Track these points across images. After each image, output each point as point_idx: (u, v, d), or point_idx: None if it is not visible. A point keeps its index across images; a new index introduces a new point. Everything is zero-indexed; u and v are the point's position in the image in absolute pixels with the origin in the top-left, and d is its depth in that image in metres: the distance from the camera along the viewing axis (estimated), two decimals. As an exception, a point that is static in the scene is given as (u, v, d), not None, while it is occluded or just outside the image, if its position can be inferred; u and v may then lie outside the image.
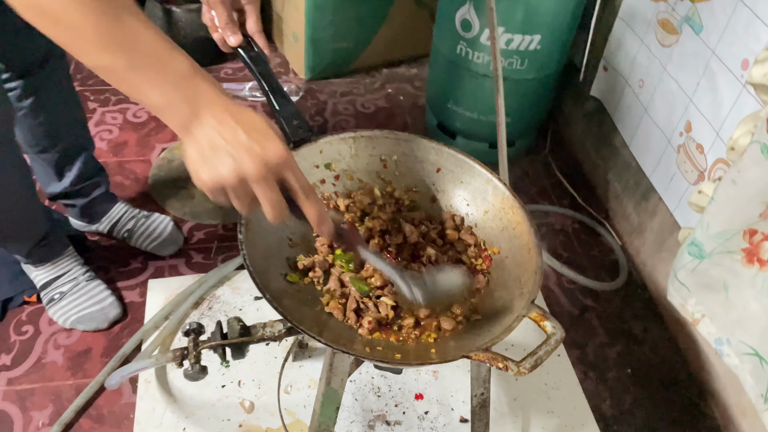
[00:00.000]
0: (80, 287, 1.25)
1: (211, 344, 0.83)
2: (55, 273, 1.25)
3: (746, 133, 0.97)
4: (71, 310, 1.23)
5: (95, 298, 1.25)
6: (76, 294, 1.24)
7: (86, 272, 1.28)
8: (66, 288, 1.24)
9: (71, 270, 1.26)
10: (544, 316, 0.73)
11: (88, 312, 1.23)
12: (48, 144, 1.19)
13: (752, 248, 1.00)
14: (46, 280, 1.25)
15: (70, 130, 1.23)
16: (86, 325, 1.23)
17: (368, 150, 0.96)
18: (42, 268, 1.24)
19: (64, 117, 1.20)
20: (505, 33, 1.39)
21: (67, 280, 1.25)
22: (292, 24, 1.84)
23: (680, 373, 1.27)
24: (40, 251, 1.22)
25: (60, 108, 1.18)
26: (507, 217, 0.89)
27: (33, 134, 1.16)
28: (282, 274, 0.80)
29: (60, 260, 1.25)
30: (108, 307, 1.25)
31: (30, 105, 1.12)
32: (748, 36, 1.04)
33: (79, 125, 1.27)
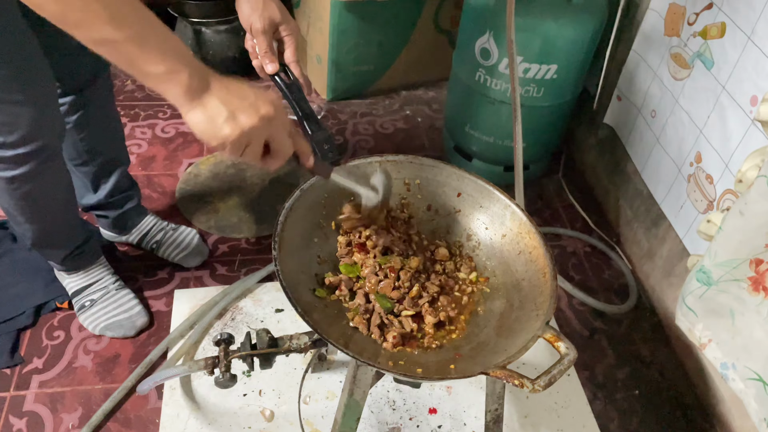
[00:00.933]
0: (110, 295, 1.31)
1: (241, 354, 0.88)
2: (87, 281, 1.30)
3: (754, 167, 1.02)
4: (101, 318, 1.29)
5: (124, 306, 1.30)
6: (106, 302, 1.30)
7: (116, 281, 1.33)
8: (97, 296, 1.30)
9: (102, 279, 1.32)
10: (558, 337, 0.77)
11: (116, 320, 1.29)
12: (88, 158, 1.26)
13: (758, 277, 1.04)
14: (78, 287, 1.30)
15: (109, 146, 1.30)
16: (114, 332, 1.28)
17: (393, 174, 1.01)
18: (75, 276, 1.30)
19: (106, 133, 1.27)
20: (523, 62, 1.45)
21: (98, 288, 1.31)
22: (316, 47, 1.91)
23: (687, 396, 1.30)
24: (74, 259, 1.27)
25: (103, 124, 1.25)
26: (524, 241, 0.93)
27: (75, 148, 1.23)
28: (311, 290, 0.86)
29: (92, 269, 1.31)
30: (135, 316, 1.30)
31: (75, 120, 1.18)
32: (758, 74, 1.09)
33: (118, 141, 1.33)
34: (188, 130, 1.77)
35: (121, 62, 0.63)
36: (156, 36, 0.63)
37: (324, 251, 0.92)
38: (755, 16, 1.09)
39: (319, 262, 0.91)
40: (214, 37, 1.87)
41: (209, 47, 1.88)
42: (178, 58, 0.64)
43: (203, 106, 0.67)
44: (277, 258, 0.81)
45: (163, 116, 1.83)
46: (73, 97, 1.16)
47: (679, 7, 1.30)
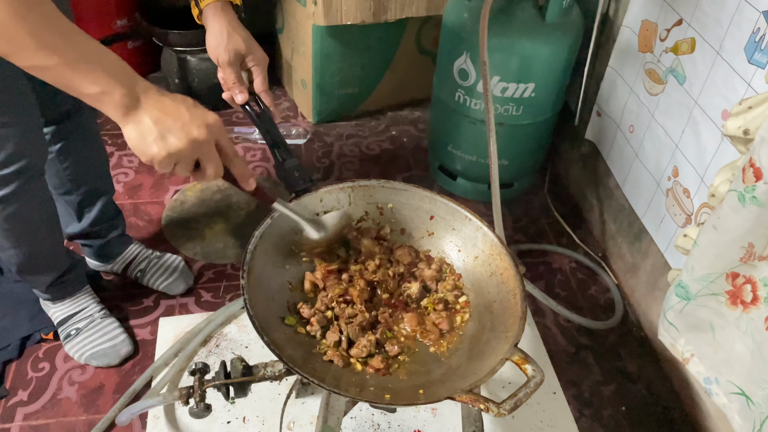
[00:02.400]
0: (95, 324, 1.31)
1: (215, 383, 0.88)
2: (72, 310, 1.31)
3: (725, 181, 1.02)
4: (86, 346, 1.29)
5: (108, 335, 1.31)
6: (91, 331, 1.30)
7: (101, 310, 1.34)
8: (82, 324, 1.30)
9: (87, 307, 1.32)
10: (525, 359, 0.77)
11: (101, 348, 1.29)
12: (72, 187, 1.27)
13: (735, 291, 1.04)
14: (63, 316, 1.31)
15: (93, 175, 1.31)
16: (99, 361, 1.29)
17: (365, 198, 1.02)
18: (60, 304, 1.31)
19: (89, 163, 1.29)
20: (501, 81, 1.46)
21: (83, 316, 1.31)
22: (300, 71, 1.93)
23: (674, 412, 1.29)
24: (59, 287, 1.28)
25: (86, 154, 1.27)
26: (495, 263, 0.94)
27: (59, 177, 1.24)
28: (281, 318, 0.86)
29: (77, 297, 1.32)
30: (120, 344, 1.30)
31: (58, 150, 1.20)
32: (727, 88, 1.10)
33: (102, 171, 1.35)
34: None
35: (58, 84, 0.66)
36: (88, 59, 0.66)
37: (295, 278, 0.92)
38: (722, 32, 1.10)
39: (290, 289, 0.91)
40: (198, 65, 1.89)
41: (194, 75, 1.90)
42: (111, 78, 0.67)
43: (135, 123, 0.69)
44: (245, 287, 0.81)
45: (150, 144, 1.84)
46: (54, 126, 1.18)
47: (651, 24, 1.32)
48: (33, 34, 0.62)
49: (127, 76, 0.69)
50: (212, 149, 0.73)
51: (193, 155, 0.72)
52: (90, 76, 0.65)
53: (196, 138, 0.70)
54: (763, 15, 1.00)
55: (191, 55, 1.88)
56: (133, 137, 0.70)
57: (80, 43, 0.66)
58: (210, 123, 0.72)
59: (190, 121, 0.70)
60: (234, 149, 0.77)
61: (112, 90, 0.67)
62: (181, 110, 0.70)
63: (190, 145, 0.70)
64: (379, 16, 1.76)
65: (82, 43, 0.66)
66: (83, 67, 0.65)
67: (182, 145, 0.69)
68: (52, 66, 0.64)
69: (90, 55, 0.66)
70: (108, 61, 0.67)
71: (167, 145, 0.69)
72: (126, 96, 0.67)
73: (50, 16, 0.63)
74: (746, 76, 1.05)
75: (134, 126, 0.69)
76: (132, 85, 0.68)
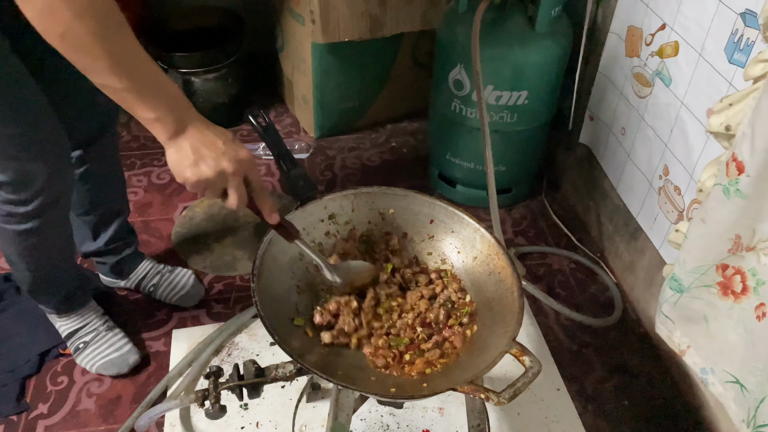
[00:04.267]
0: (101, 336, 1.36)
1: (229, 385, 0.92)
2: (77, 324, 1.36)
3: (711, 176, 1.07)
4: (95, 358, 1.34)
5: (115, 345, 1.36)
6: (98, 343, 1.35)
7: (105, 322, 1.38)
8: (89, 338, 1.35)
9: (92, 321, 1.37)
10: (523, 351, 0.81)
11: (109, 359, 1.34)
12: (90, 208, 1.33)
13: (726, 281, 1.07)
14: (69, 330, 1.36)
15: (112, 197, 1.37)
16: (109, 371, 1.33)
17: (368, 205, 1.07)
18: (66, 319, 1.35)
19: (109, 186, 1.34)
20: (495, 90, 1.51)
21: (88, 330, 1.36)
22: (301, 88, 1.99)
23: (675, 404, 1.32)
24: (65, 303, 1.33)
25: (107, 177, 1.32)
26: (493, 262, 0.98)
27: (79, 199, 1.30)
28: (290, 319, 0.91)
29: (82, 312, 1.36)
30: (127, 354, 1.35)
31: (81, 173, 1.25)
32: (710, 87, 1.15)
33: (120, 193, 1.40)
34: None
35: (119, 103, 0.73)
36: (153, 87, 0.73)
37: (303, 281, 0.97)
38: (703, 35, 1.15)
39: (298, 292, 0.96)
40: (203, 85, 1.95)
41: (199, 95, 1.96)
42: (168, 107, 0.74)
43: (177, 148, 0.77)
44: (255, 290, 0.86)
45: (158, 163, 1.90)
46: (80, 152, 1.23)
47: (637, 29, 1.37)
48: (110, 54, 0.68)
49: (181, 107, 0.76)
50: (239, 181, 0.79)
51: (221, 184, 0.79)
52: (150, 104, 0.73)
53: (224, 169, 0.77)
54: (741, 16, 1.05)
55: (195, 76, 1.94)
56: (173, 159, 0.77)
57: (149, 71, 0.73)
58: (241, 158, 0.79)
59: (224, 153, 0.77)
60: (261, 184, 0.84)
61: (165, 117, 0.74)
62: (218, 143, 0.77)
63: (218, 175, 0.77)
64: (376, 32, 1.83)
65: (150, 71, 0.73)
66: (147, 94, 0.72)
67: (212, 174, 0.76)
68: (120, 89, 0.71)
69: (155, 84, 0.73)
70: (169, 91, 0.75)
71: (199, 172, 0.76)
72: (176, 123, 0.75)
73: (127, 41, 0.70)
74: (728, 75, 1.10)
75: (175, 150, 0.77)
76: (183, 114, 0.76)
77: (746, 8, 1.04)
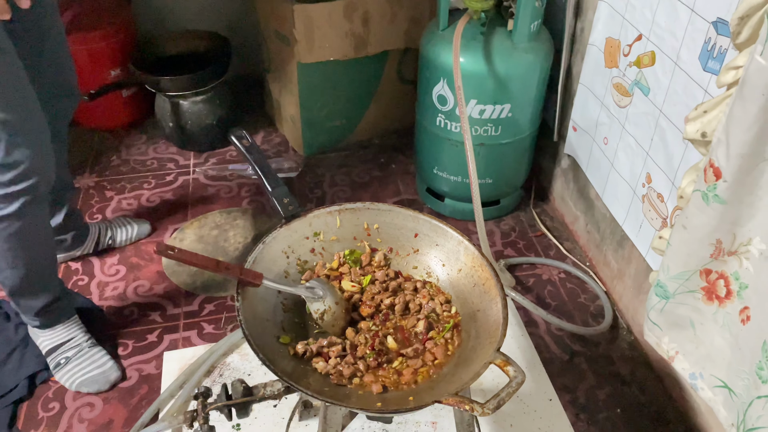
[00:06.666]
0: (83, 353, 1.37)
1: (217, 405, 0.92)
2: (60, 339, 1.36)
3: (690, 183, 1.08)
4: (76, 374, 1.35)
5: (97, 362, 1.37)
6: (80, 359, 1.36)
7: (88, 339, 1.40)
8: (71, 353, 1.36)
9: (75, 336, 1.38)
10: (507, 361, 0.82)
11: (90, 376, 1.34)
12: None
13: (710, 286, 1.08)
14: (52, 345, 1.36)
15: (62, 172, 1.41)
16: (89, 388, 1.34)
17: (353, 221, 1.08)
18: (50, 332, 1.36)
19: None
20: (478, 104, 1.53)
21: (71, 345, 1.37)
22: (289, 108, 2.01)
23: (668, 411, 1.33)
24: (49, 313, 1.34)
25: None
26: (477, 274, 0.99)
27: None
28: (276, 337, 0.91)
29: (66, 326, 1.37)
30: (108, 371, 1.36)
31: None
32: (687, 96, 1.17)
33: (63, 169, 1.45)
34: (172, 197, 1.85)
35: None
36: None
37: (289, 299, 0.97)
38: (678, 44, 1.17)
39: (284, 309, 0.96)
40: (191, 108, 1.97)
41: (187, 118, 1.98)
42: None
43: None
44: (240, 309, 0.87)
45: (148, 187, 1.91)
46: None
47: (614, 41, 1.39)
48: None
49: None
50: None
51: None
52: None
53: None
54: (713, 25, 1.07)
55: (183, 99, 1.96)
56: None
57: None
58: None
59: None
60: None
61: None
62: None
63: None
64: (360, 50, 1.85)
65: None
66: None
67: None
68: None
69: None
70: None
71: None
72: None
73: None
74: (703, 83, 1.12)
75: None
76: None
77: (718, 17, 1.06)
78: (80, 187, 1.90)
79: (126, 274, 1.62)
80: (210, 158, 2.05)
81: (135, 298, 1.56)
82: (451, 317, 0.99)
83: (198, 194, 1.90)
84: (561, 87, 1.64)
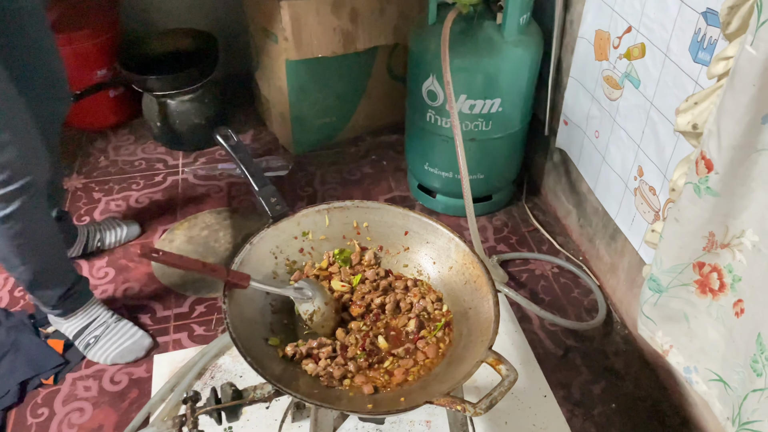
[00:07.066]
0: (111, 328, 1.40)
1: (206, 409, 0.91)
2: (86, 321, 1.39)
3: (682, 175, 1.07)
4: (109, 349, 1.38)
5: (127, 334, 1.41)
6: (109, 335, 1.39)
7: (112, 315, 1.43)
8: (99, 332, 1.39)
9: (99, 315, 1.41)
10: (499, 360, 0.81)
11: (125, 347, 1.39)
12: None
13: (703, 279, 1.07)
14: (78, 328, 1.39)
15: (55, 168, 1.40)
16: (126, 358, 1.39)
17: (342, 219, 1.07)
18: (73, 318, 1.38)
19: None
20: (468, 99, 1.52)
21: (97, 324, 1.40)
22: (278, 105, 1.99)
23: (663, 404, 1.32)
24: (69, 300, 1.35)
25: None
26: (468, 271, 0.98)
27: None
28: (264, 339, 0.90)
29: (88, 308, 1.39)
30: (140, 339, 1.41)
31: None
32: (677, 87, 1.16)
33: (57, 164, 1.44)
34: (161, 198, 1.83)
35: None
36: None
37: (277, 300, 0.96)
38: (668, 35, 1.16)
39: (272, 311, 0.95)
40: (179, 107, 1.95)
41: (175, 117, 1.96)
42: None
43: None
44: (227, 311, 0.85)
45: (136, 187, 1.89)
46: None
47: (604, 33, 1.38)
48: None
49: None
50: None
51: None
52: None
53: None
54: (702, 16, 1.06)
55: (170, 98, 1.94)
56: None
57: None
58: None
59: None
60: None
61: None
62: None
63: None
64: (349, 46, 1.83)
65: None
66: None
67: None
68: None
69: None
70: None
71: None
72: None
73: None
74: (693, 74, 1.10)
75: None
76: None
77: (707, 7, 1.05)
78: (68, 188, 1.87)
79: (115, 277, 1.60)
80: (199, 158, 2.03)
81: (124, 300, 1.54)
82: (442, 315, 0.97)
83: (187, 194, 1.88)
84: (551, 81, 1.62)
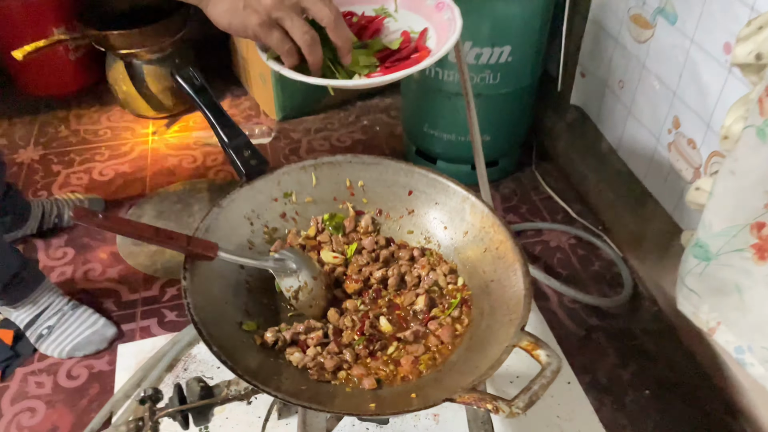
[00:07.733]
0: (67, 317, 1.22)
1: (168, 411, 0.73)
2: (37, 310, 1.21)
3: (738, 119, 0.90)
4: (65, 340, 1.20)
5: (87, 322, 1.23)
6: (65, 324, 1.21)
7: (69, 301, 1.24)
8: (53, 321, 1.21)
9: (53, 302, 1.23)
10: (536, 344, 0.63)
11: (83, 337, 1.21)
12: None
13: (762, 243, 0.91)
14: (28, 319, 1.21)
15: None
16: (85, 350, 1.21)
17: (332, 177, 0.89)
18: (22, 308, 1.20)
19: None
20: (474, 47, 1.33)
21: (51, 313, 1.22)
22: (258, 65, 1.79)
23: (702, 389, 1.16)
24: (15, 288, 1.17)
25: None
26: (488, 237, 0.80)
27: None
28: (238, 323, 0.71)
29: (38, 296, 1.21)
30: (102, 328, 1.23)
31: None
32: (727, 18, 0.98)
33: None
34: (128, 170, 1.64)
35: None
36: None
37: (254, 277, 0.78)
38: (714, -44, 0.98)
39: (248, 289, 0.77)
40: (146, 69, 1.74)
41: (143, 79, 1.75)
42: None
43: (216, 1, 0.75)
44: (187, 289, 0.67)
45: (100, 158, 1.69)
46: None
47: (631, -35, 1.20)
48: None
49: None
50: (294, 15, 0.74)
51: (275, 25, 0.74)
52: None
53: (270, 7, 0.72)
54: (761, -72, 0.88)
55: (137, 57, 1.73)
56: (222, 13, 0.75)
57: None
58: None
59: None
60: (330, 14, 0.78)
61: None
62: None
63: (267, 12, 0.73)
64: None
65: None
66: None
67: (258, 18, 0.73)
68: None
69: None
70: None
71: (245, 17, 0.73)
72: None
73: None
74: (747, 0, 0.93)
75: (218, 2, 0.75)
76: None
77: None
78: (22, 161, 1.67)
79: (75, 257, 1.41)
80: (171, 125, 1.83)
81: (85, 283, 1.36)
82: (457, 291, 0.80)
83: (157, 166, 1.68)
84: (566, 26, 1.44)
